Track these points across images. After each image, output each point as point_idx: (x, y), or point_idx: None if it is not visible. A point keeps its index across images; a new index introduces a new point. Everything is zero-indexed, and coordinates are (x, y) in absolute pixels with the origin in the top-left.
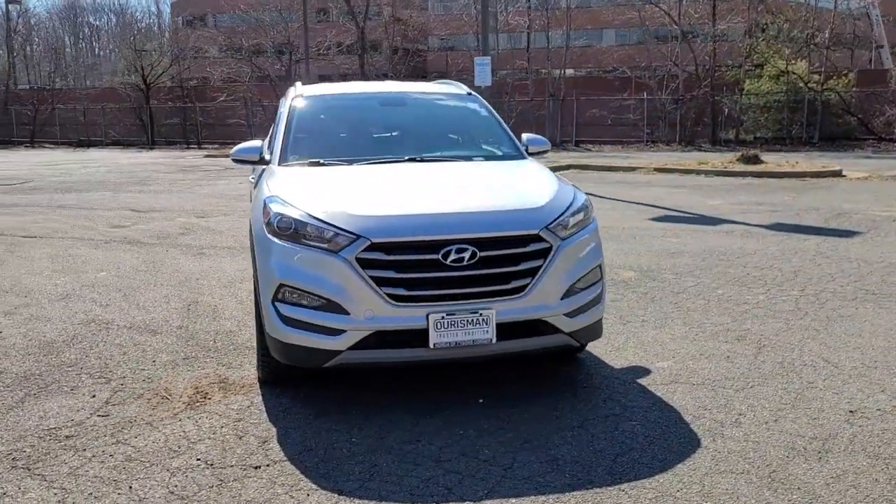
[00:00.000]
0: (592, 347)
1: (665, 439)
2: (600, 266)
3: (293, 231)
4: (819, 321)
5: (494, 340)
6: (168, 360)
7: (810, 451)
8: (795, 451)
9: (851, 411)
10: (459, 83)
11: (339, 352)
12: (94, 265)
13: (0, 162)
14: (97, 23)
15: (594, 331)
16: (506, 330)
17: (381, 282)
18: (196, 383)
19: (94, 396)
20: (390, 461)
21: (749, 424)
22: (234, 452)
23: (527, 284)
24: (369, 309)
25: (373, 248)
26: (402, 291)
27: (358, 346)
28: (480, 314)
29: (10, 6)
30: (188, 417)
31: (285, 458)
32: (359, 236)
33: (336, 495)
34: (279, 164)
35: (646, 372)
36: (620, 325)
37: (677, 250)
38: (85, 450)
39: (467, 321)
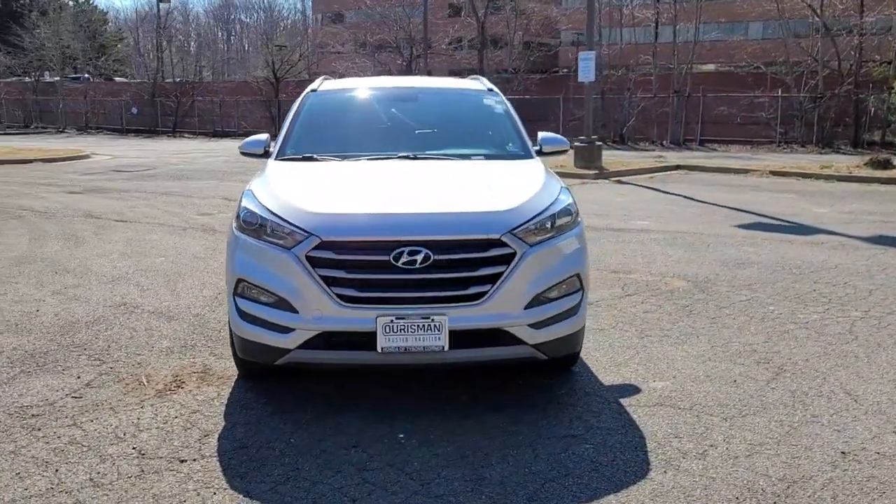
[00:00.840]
0: (591, 361)
1: (612, 467)
2: (579, 275)
3: (257, 226)
4: (865, 348)
5: (447, 348)
6: (166, 347)
7: (767, 495)
8: (750, 494)
9: (844, 453)
10: (483, 79)
11: (289, 350)
12: (159, 251)
13: (139, 150)
14: (248, 20)
15: (567, 344)
16: (461, 338)
17: (330, 281)
18: (178, 371)
19: (78, 378)
20: (314, 466)
21: (715, 458)
22: (171, 444)
23: (486, 291)
24: (318, 308)
25: (322, 246)
26: (351, 292)
27: (306, 345)
28: (432, 320)
29: (160, 4)
30: (151, 405)
31: (215, 454)
32: (310, 234)
33: (241, 497)
34: (275, 159)
35: (635, 391)
36: (636, 339)
37: (747, 260)
38: (39, 429)
39: (418, 326)
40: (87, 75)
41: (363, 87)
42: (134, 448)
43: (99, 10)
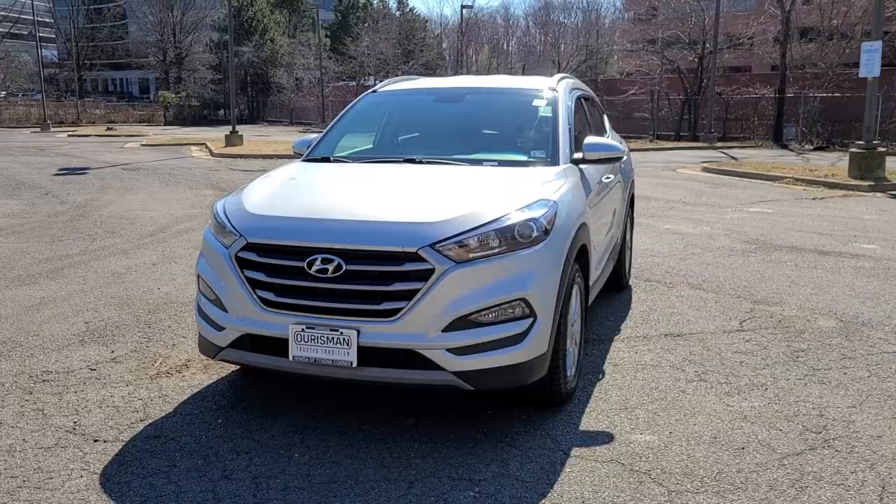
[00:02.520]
0: (593, 398)
1: None
2: (525, 299)
3: (216, 225)
4: None
5: (355, 364)
6: None
7: None
8: None
9: None
10: (558, 78)
11: (221, 348)
12: None
13: None
14: (566, 21)
15: (504, 377)
16: (373, 355)
17: (254, 284)
18: (193, 357)
19: (112, 352)
20: (197, 466)
21: None
22: (106, 423)
23: (401, 308)
24: (242, 310)
25: (248, 247)
26: (271, 296)
27: (234, 345)
28: (341, 333)
29: (463, 10)
30: (135, 385)
31: (128, 440)
32: (240, 235)
33: (98, 480)
34: (303, 159)
35: (603, 441)
36: (674, 382)
37: None
38: (31, 393)
39: (328, 338)
40: None
41: (421, 88)
42: (74, 422)
43: (421, 19)
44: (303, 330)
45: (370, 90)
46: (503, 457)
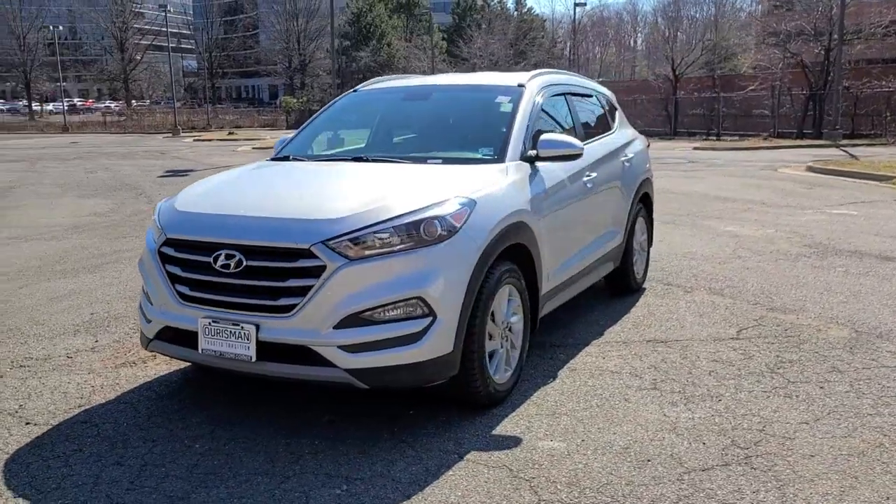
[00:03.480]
0: (528, 402)
1: None
2: (422, 298)
3: (152, 221)
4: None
5: (254, 359)
6: None
7: None
8: None
9: None
10: (530, 75)
11: (150, 339)
12: None
13: None
14: (697, 15)
15: (400, 376)
16: (271, 350)
17: (173, 278)
18: None
19: (96, 341)
20: (100, 452)
21: None
22: (47, 408)
23: (296, 304)
24: (164, 303)
25: (167, 243)
26: (186, 290)
27: (158, 336)
28: (242, 327)
29: (576, 7)
30: (96, 374)
31: (58, 424)
32: (162, 231)
33: (5, 461)
34: (270, 158)
35: (506, 447)
36: (633, 389)
37: None
38: (2, 377)
39: (229, 332)
40: None
41: (396, 87)
42: (20, 406)
43: (538, 18)
44: (209, 324)
45: (353, 89)
46: (394, 457)
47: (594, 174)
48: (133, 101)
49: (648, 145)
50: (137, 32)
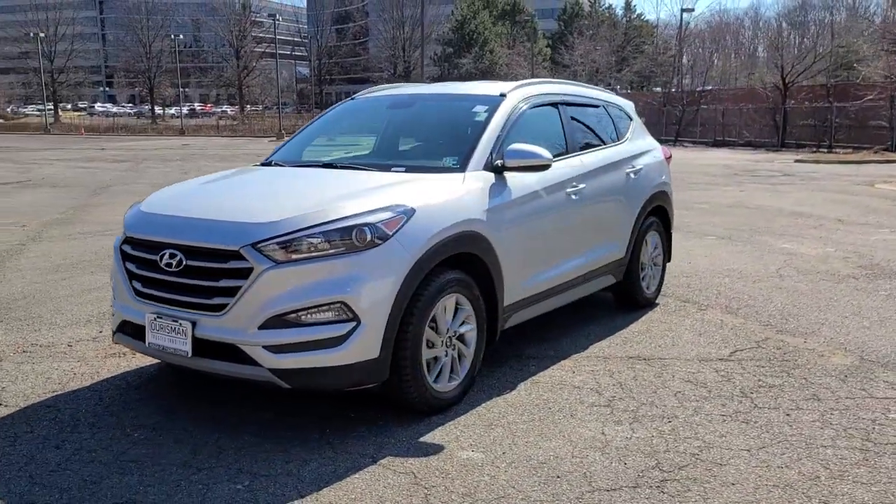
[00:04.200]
0: (473, 412)
1: None
2: (345, 303)
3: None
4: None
5: (191, 355)
6: None
7: None
8: None
9: None
10: (514, 84)
11: (114, 332)
12: None
13: None
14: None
15: (322, 377)
16: (205, 347)
17: (130, 275)
18: None
19: (100, 332)
20: (46, 435)
21: None
22: (24, 392)
23: (227, 304)
24: (123, 298)
25: (126, 241)
26: (139, 286)
27: (120, 329)
28: (180, 324)
29: (683, 13)
30: (84, 362)
31: (25, 406)
32: (124, 229)
33: None
34: (257, 163)
35: (425, 454)
36: (585, 405)
37: None
38: (2, 361)
39: (170, 328)
40: (613, 86)
41: (385, 95)
42: (2, 388)
43: (648, 24)
44: (154, 319)
45: (349, 97)
46: (311, 457)
47: (582, 185)
48: (247, 106)
49: (670, 157)
50: (252, 41)
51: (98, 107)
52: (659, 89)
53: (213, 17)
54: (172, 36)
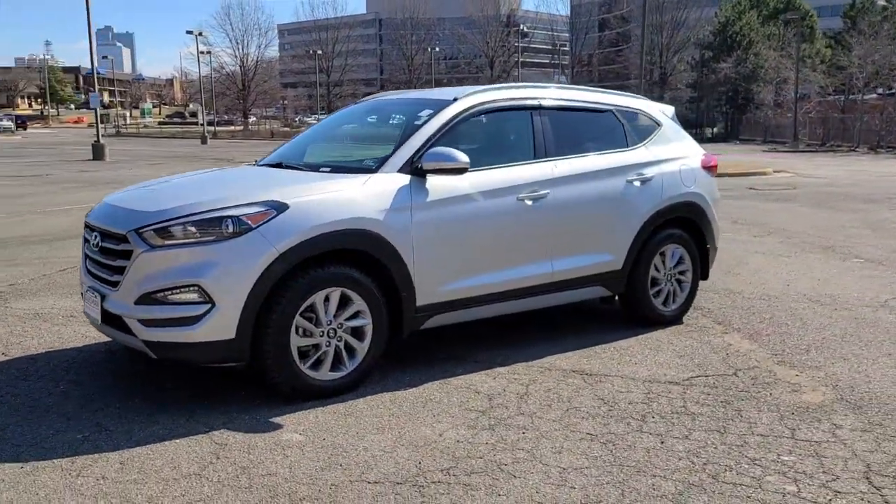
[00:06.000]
0: (363, 401)
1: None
2: (201, 286)
3: None
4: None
5: (100, 322)
6: None
7: None
8: None
9: None
10: (470, 90)
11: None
12: None
13: (850, 170)
14: None
15: (180, 351)
16: (109, 317)
17: (83, 254)
18: None
19: None
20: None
21: None
22: (12, 354)
23: (119, 281)
24: (82, 274)
25: (85, 225)
26: (88, 264)
27: (82, 299)
28: (95, 295)
29: None
30: (63, 328)
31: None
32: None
33: None
34: (254, 163)
35: (250, 430)
36: (500, 409)
37: None
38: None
39: (91, 300)
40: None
41: (380, 100)
42: (2, 353)
43: None
44: (86, 291)
45: (356, 100)
46: (160, 422)
47: (546, 191)
48: None
49: (714, 166)
50: (506, 51)
51: None
52: None
53: (471, 30)
54: (428, 49)
